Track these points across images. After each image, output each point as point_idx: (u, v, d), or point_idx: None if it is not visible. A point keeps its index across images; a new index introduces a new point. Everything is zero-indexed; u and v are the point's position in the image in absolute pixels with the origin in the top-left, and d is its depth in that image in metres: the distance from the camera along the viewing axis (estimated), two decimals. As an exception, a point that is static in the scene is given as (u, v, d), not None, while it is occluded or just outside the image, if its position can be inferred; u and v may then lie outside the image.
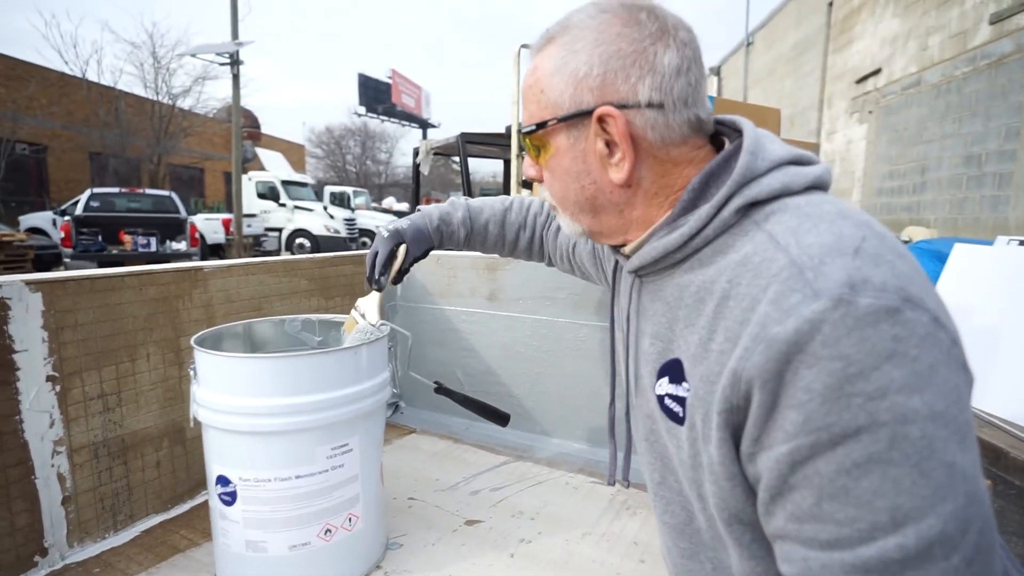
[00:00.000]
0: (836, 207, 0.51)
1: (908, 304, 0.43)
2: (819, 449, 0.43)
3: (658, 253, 0.59)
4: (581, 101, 0.58)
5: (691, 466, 0.58)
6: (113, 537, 1.07)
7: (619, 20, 0.57)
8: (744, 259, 0.51)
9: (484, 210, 1.04)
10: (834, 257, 0.45)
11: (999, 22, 6.04)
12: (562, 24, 0.61)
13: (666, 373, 0.60)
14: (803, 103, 11.80)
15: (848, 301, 0.42)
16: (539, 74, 0.61)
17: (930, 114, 7.29)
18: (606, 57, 0.57)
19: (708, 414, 0.53)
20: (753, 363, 0.46)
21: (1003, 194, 5.93)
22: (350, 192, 17.48)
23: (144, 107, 16.85)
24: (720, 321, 0.52)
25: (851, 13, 9.75)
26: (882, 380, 0.41)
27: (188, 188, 19.74)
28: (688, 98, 0.57)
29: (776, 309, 0.45)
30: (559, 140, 0.62)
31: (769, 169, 0.55)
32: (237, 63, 11.99)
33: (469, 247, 1.05)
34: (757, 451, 0.48)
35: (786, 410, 0.45)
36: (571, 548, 1.05)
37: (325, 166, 33.58)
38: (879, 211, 8.57)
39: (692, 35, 0.59)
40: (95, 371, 1.03)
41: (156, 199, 10.10)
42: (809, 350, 0.43)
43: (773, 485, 0.47)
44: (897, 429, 0.41)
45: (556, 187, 0.66)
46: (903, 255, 0.48)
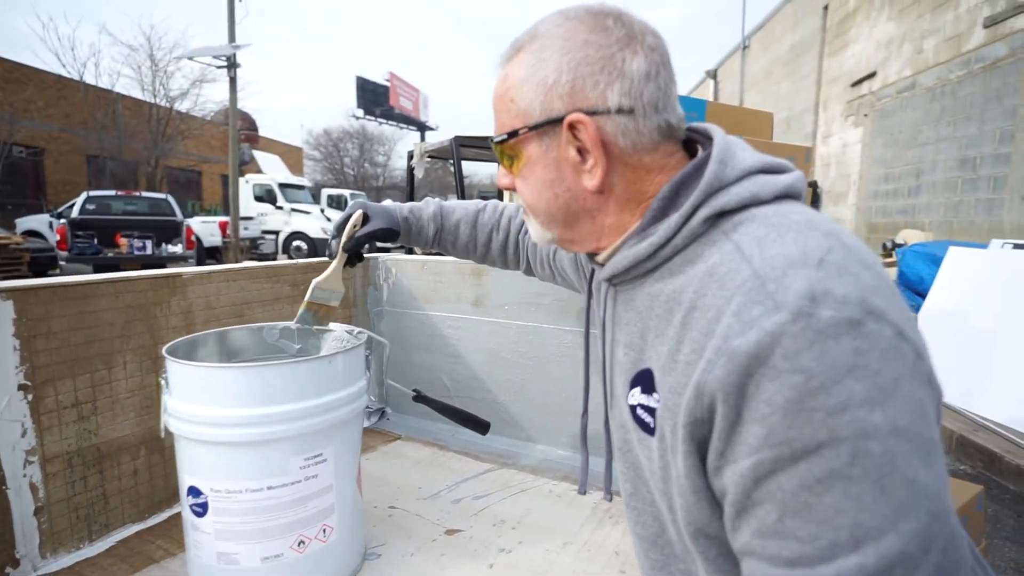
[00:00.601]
0: (804, 217, 0.51)
1: (871, 316, 0.42)
2: (781, 464, 0.43)
3: (629, 262, 0.59)
4: (551, 109, 0.58)
5: (662, 477, 0.58)
6: (88, 547, 1.05)
7: (585, 27, 0.58)
8: (711, 269, 0.51)
9: (456, 210, 1.03)
10: (797, 268, 0.45)
11: (993, 25, 6.07)
12: (530, 33, 0.61)
13: (638, 383, 0.60)
14: (799, 106, 11.83)
15: (808, 313, 0.42)
16: (509, 83, 0.61)
17: (925, 117, 7.31)
18: (574, 64, 0.57)
19: (675, 426, 0.52)
20: (715, 376, 0.46)
21: (997, 197, 5.95)
22: (347, 195, 17.48)
23: (141, 110, 16.85)
24: (687, 332, 0.52)
25: (846, 16, 9.79)
26: (843, 394, 0.41)
27: (185, 191, 19.74)
28: (658, 103, 0.57)
29: (738, 321, 0.45)
30: (531, 149, 0.62)
31: (738, 178, 0.55)
32: (234, 66, 12.00)
33: (439, 246, 1.04)
34: (722, 465, 0.48)
35: (749, 423, 0.44)
36: (552, 558, 1.04)
37: (323, 169, 33.60)
38: (874, 214, 8.59)
39: (660, 40, 0.59)
40: (69, 379, 1.02)
41: (152, 202, 10.10)
42: (770, 363, 0.43)
43: (738, 500, 0.47)
44: (858, 445, 0.41)
45: (529, 195, 0.66)
46: (870, 266, 0.47)
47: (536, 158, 0.62)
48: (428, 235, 1.01)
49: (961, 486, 1.92)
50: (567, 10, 0.60)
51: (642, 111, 0.57)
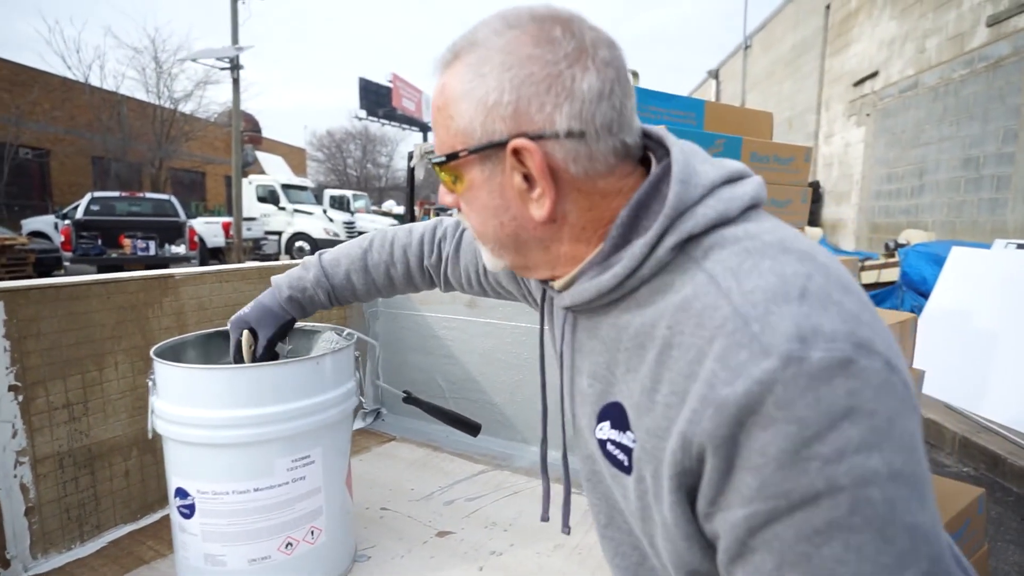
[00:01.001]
0: (776, 236, 0.49)
1: (861, 351, 0.41)
2: (777, 515, 0.41)
3: (591, 294, 0.55)
4: (493, 132, 0.52)
5: (641, 517, 0.55)
6: (79, 548, 1.06)
7: (529, 38, 0.51)
8: (684, 303, 0.48)
9: (341, 261, 0.93)
10: (780, 305, 0.43)
11: (996, 24, 6.03)
12: (468, 39, 0.55)
13: (607, 417, 0.56)
14: (801, 106, 11.80)
15: (800, 358, 0.40)
16: (446, 96, 0.55)
17: (928, 117, 7.28)
18: (517, 83, 0.51)
19: (658, 472, 0.50)
20: (703, 428, 0.43)
21: (1001, 197, 5.91)
22: (350, 195, 17.51)
23: (146, 111, 16.94)
24: (664, 372, 0.49)
25: (848, 16, 9.75)
26: (839, 441, 0.39)
27: (189, 192, 19.83)
28: (612, 124, 0.52)
29: (724, 368, 0.43)
30: (473, 173, 0.56)
31: (703, 196, 0.51)
32: (237, 67, 12.04)
33: (340, 303, 0.96)
34: (714, 511, 0.46)
35: (742, 472, 0.42)
36: (541, 561, 1.03)
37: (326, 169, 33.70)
38: (877, 214, 8.55)
39: (615, 52, 0.54)
40: (60, 380, 1.02)
41: (156, 203, 10.14)
42: (762, 412, 0.41)
43: (732, 547, 0.45)
44: (857, 493, 0.39)
45: (474, 221, 0.60)
46: (848, 288, 0.45)
47: (479, 183, 0.56)
48: (321, 300, 0.93)
49: (962, 488, 1.90)
50: (509, 15, 0.54)
51: (595, 134, 0.51)
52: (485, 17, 0.56)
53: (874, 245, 8.25)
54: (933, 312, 3.73)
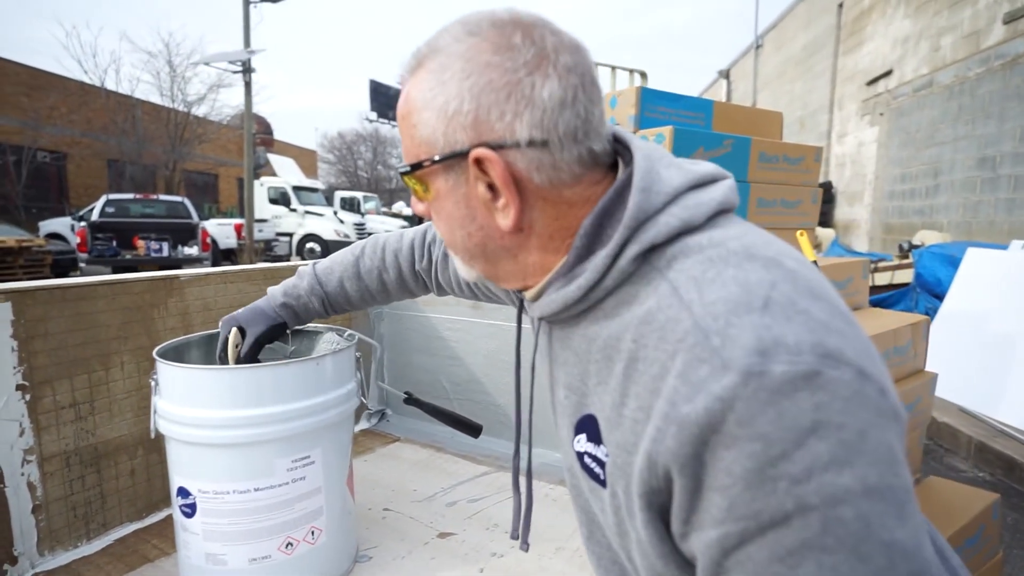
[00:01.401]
0: (742, 243, 0.47)
1: (828, 361, 0.39)
2: (749, 536, 0.40)
3: (558, 306, 0.55)
4: (455, 141, 0.52)
5: (617, 532, 0.54)
6: (85, 546, 1.07)
7: (489, 46, 0.50)
8: (648, 315, 0.47)
9: (334, 269, 0.94)
10: (740, 316, 0.41)
11: (1013, 21, 5.93)
12: (431, 45, 0.54)
13: (583, 429, 0.56)
14: (813, 105, 11.68)
15: (760, 372, 0.39)
16: (409, 105, 0.55)
17: (943, 116, 7.17)
18: (476, 91, 0.50)
19: (628, 489, 0.49)
20: (667, 447, 0.42)
21: (1018, 197, 5.81)
22: (360, 197, 17.63)
23: (160, 115, 17.18)
24: (631, 386, 0.48)
25: (861, 14, 9.64)
26: (807, 459, 0.38)
27: (203, 194, 20.07)
28: (577, 132, 0.51)
29: (684, 384, 0.42)
30: (438, 183, 0.55)
31: (665, 204, 0.50)
32: (249, 71, 12.17)
33: (335, 311, 0.96)
34: (688, 531, 0.45)
35: (710, 492, 0.41)
36: (543, 563, 1.03)
37: (337, 171, 33.94)
38: (891, 214, 8.44)
39: (579, 56, 0.52)
40: (67, 380, 1.04)
41: (169, 205, 10.28)
42: (724, 430, 0.40)
43: (709, 568, 0.44)
44: (829, 513, 0.38)
45: (443, 230, 0.59)
46: (818, 294, 0.44)
47: (444, 193, 0.55)
48: (316, 308, 0.93)
49: (976, 494, 1.87)
50: (469, 22, 0.53)
51: (558, 143, 0.50)
52: (448, 23, 0.55)
53: (888, 246, 8.14)
54: (948, 314, 3.67)
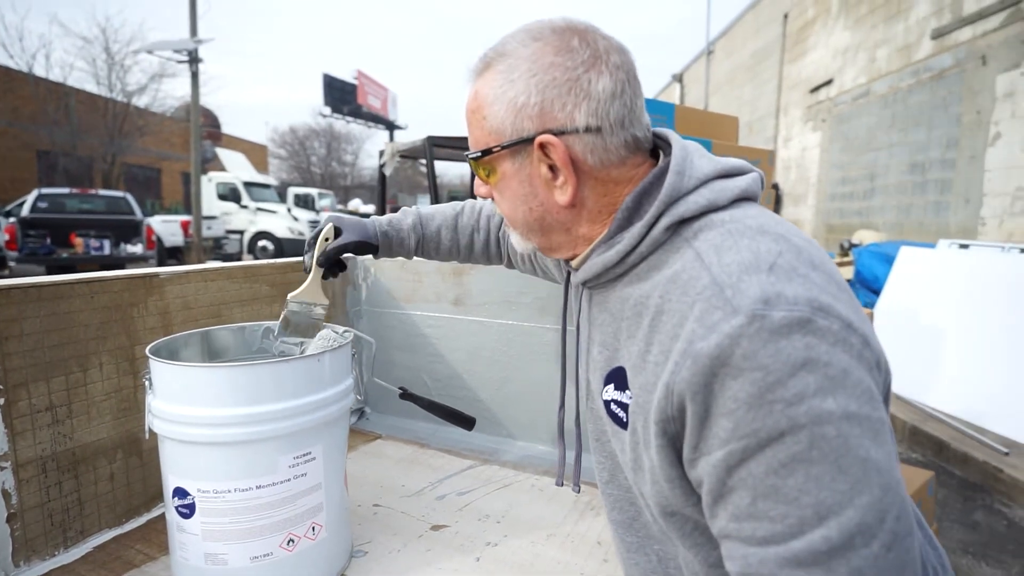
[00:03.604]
0: (757, 221, 0.55)
1: (819, 313, 0.47)
2: (750, 452, 0.47)
3: (598, 269, 0.63)
4: (522, 129, 0.60)
5: (633, 468, 0.62)
6: (63, 554, 1.03)
7: (551, 48, 0.59)
8: (674, 276, 0.55)
9: (435, 216, 1.03)
10: (750, 274, 0.49)
11: (940, 37, 6.39)
12: (497, 50, 0.63)
13: (612, 380, 0.63)
14: (761, 111, 12.19)
15: (762, 315, 0.46)
16: (480, 100, 0.63)
17: (878, 123, 7.64)
18: (542, 86, 0.59)
19: (647, 422, 0.56)
20: (682, 377, 0.49)
21: (944, 200, 6.27)
22: (315, 194, 17.19)
23: (97, 104, 16.21)
24: (655, 335, 0.55)
25: (805, 25, 10.14)
26: (798, 386, 0.45)
27: (144, 189, 19.06)
28: (624, 120, 0.60)
29: (700, 326, 0.49)
30: (504, 165, 0.64)
31: (696, 186, 0.58)
32: (196, 61, 11.66)
33: (422, 254, 1.04)
34: (697, 457, 0.51)
35: (718, 418, 0.48)
36: (537, 550, 1.06)
37: (289, 167, 32.93)
38: (832, 215, 8.92)
39: (625, 56, 0.61)
40: (43, 382, 1.00)
41: (110, 200, 9.72)
42: (732, 362, 0.47)
43: (714, 488, 0.50)
44: (815, 430, 0.45)
45: (506, 207, 0.68)
46: (818, 266, 0.52)
47: (510, 174, 0.64)
48: (410, 246, 1.01)
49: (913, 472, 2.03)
50: (532, 29, 0.61)
51: (609, 129, 0.59)
52: (512, 31, 0.64)
53: (830, 245, 8.61)
54: (884, 308, 3.93)
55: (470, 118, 0.65)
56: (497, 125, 0.62)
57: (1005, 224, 5.38)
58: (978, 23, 5.75)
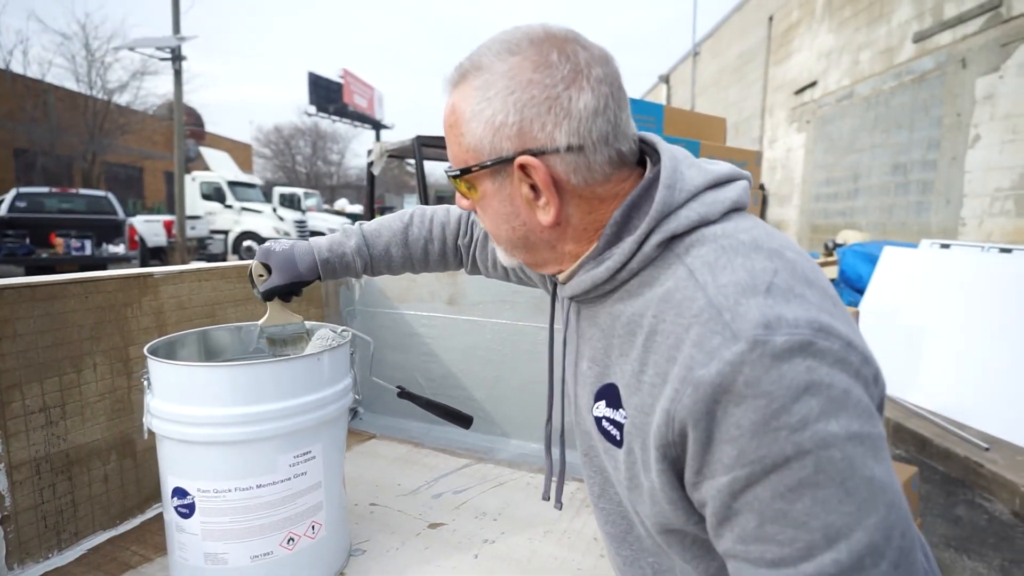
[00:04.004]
0: (750, 236, 0.54)
1: (820, 334, 0.47)
2: (755, 478, 0.47)
3: (587, 285, 0.61)
4: (500, 149, 0.58)
5: (628, 487, 0.61)
6: (57, 556, 1.02)
7: (529, 64, 0.56)
8: (667, 295, 0.54)
9: (382, 232, 0.96)
10: (748, 297, 0.48)
11: (921, 41, 6.51)
12: (474, 62, 0.59)
13: (603, 396, 0.62)
14: (747, 112, 12.33)
15: (764, 341, 0.46)
16: (456, 116, 0.60)
17: (862, 125, 7.77)
18: (520, 105, 0.56)
19: (646, 444, 0.55)
20: (683, 405, 0.49)
21: (925, 200, 6.39)
22: (301, 193, 17.04)
23: (76, 102, 15.91)
24: (649, 355, 0.54)
25: (790, 28, 10.27)
26: (802, 412, 0.45)
27: (126, 188, 18.76)
28: (608, 136, 0.57)
29: (700, 352, 0.48)
30: (485, 184, 0.61)
31: (687, 200, 0.57)
32: (179, 58, 11.51)
33: (373, 274, 0.99)
34: (700, 481, 0.51)
35: (721, 444, 0.48)
36: (534, 546, 1.07)
37: (273, 167, 32.61)
38: (816, 215, 9.05)
39: (608, 67, 0.58)
40: (36, 383, 0.99)
41: (91, 199, 9.56)
42: (734, 390, 0.46)
43: (719, 511, 0.50)
44: (820, 455, 0.45)
45: (489, 224, 0.66)
46: (812, 282, 0.51)
47: (491, 193, 0.62)
48: (356, 269, 0.95)
49: (898, 468, 2.08)
50: (510, 41, 0.58)
51: (592, 147, 0.56)
52: (487, 40, 0.60)
53: (815, 245, 8.73)
54: (868, 307, 4.00)
55: (448, 132, 0.63)
56: (475, 143, 0.59)
57: (984, 224, 5.50)
58: (958, 27, 5.88)
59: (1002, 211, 5.29)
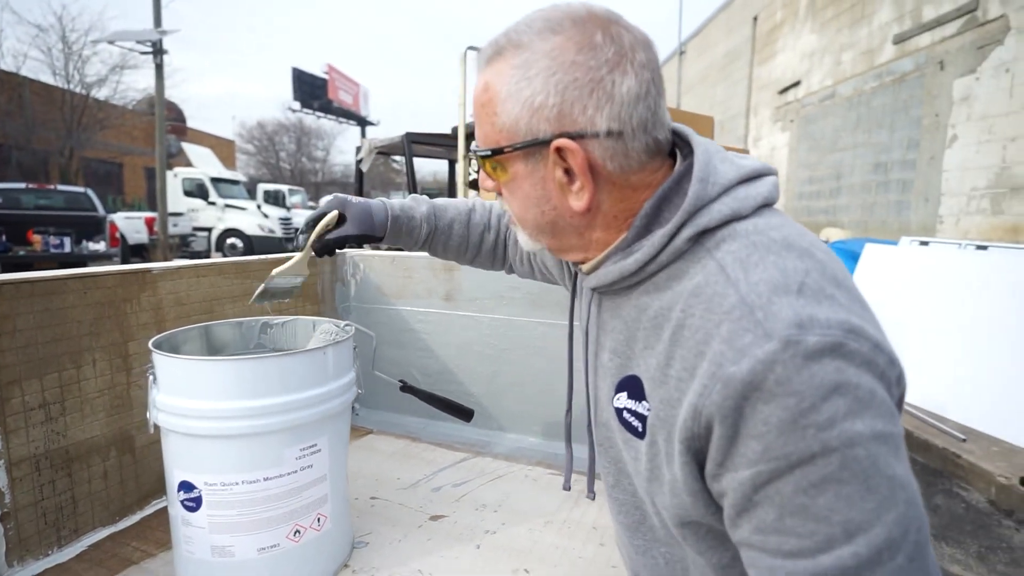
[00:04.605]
0: (782, 234, 0.54)
1: (851, 335, 0.47)
2: (779, 473, 0.47)
3: (614, 276, 0.61)
4: (537, 130, 0.56)
5: (647, 478, 0.61)
6: (57, 553, 1.02)
7: (573, 45, 0.55)
8: (696, 289, 0.53)
9: (448, 208, 0.97)
10: (781, 296, 0.48)
11: (901, 42, 6.64)
12: (512, 39, 0.58)
13: (625, 388, 0.62)
14: (732, 110, 12.46)
15: (796, 341, 0.46)
16: (491, 94, 0.59)
17: (844, 124, 7.89)
18: (562, 87, 0.55)
19: (670, 437, 0.55)
20: (712, 401, 0.49)
21: (905, 199, 6.53)
22: (285, 190, 16.86)
23: (53, 96, 15.55)
24: (676, 349, 0.54)
25: (774, 28, 10.40)
26: (830, 411, 0.45)
27: (105, 184, 18.38)
28: (647, 123, 0.56)
29: (730, 349, 0.48)
30: (517, 166, 0.60)
31: (719, 194, 0.56)
32: (161, 52, 11.32)
33: (429, 248, 0.98)
34: (721, 473, 0.51)
35: (747, 439, 0.48)
36: (535, 536, 1.09)
37: (257, 163, 32.18)
38: (800, 213, 9.19)
39: (651, 53, 0.57)
40: (36, 379, 0.98)
41: (69, 196, 9.37)
42: (765, 387, 0.46)
43: (738, 503, 0.51)
44: (846, 453, 0.46)
45: (516, 207, 0.65)
46: (841, 283, 0.52)
47: (522, 175, 0.60)
48: (420, 236, 0.95)
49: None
50: (552, 18, 0.56)
51: (631, 133, 0.56)
52: (525, 17, 0.59)
53: (797, 242, 8.82)
54: (852, 303, 4.08)
55: (479, 111, 0.61)
56: (510, 123, 0.58)
57: (961, 222, 5.64)
58: (936, 29, 6.00)
59: (978, 209, 5.43)
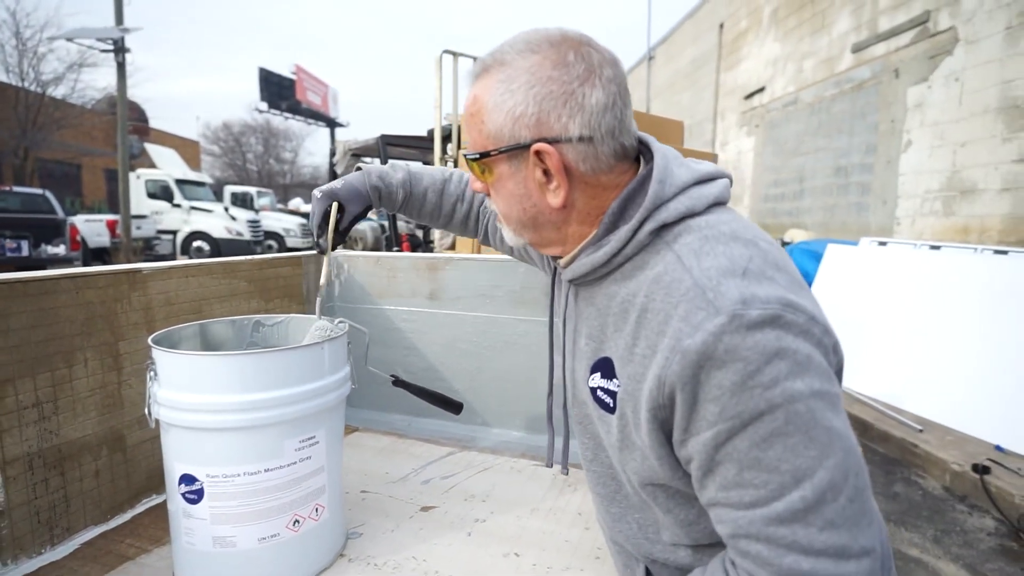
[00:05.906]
0: (730, 227, 0.62)
1: (788, 309, 0.56)
2: (735, 431, 0.55)
3: (587, 268, 0.69)
4: (519, 136, 0.65)
5: (619, 448, 0.69)
6: (50, 552, 1.02)
7: (550, 63, 0.63)
8: (657, 277, 0.61)
9: (424, 177, 1.06)
10: (728, 278, 0.56)
11: (859, 51, 6.94)
12: (497, 58, 0.67)
13: (598, 369, 0.70)
14: (700, 115, 12.76)
15: (741, 315, 0.54)
16: (479, 105, 0.67)
17: (806, 129, 8.19)
18: (539, 98, 0.63)
19: (637, 407, 0.63)
20: (673, 371, 0.56)
21: (864, 201, 6.81)
22: (254, 192, 16.57)
23: (6, 94, 14.94)
24: (641, 330, 0.62)
25: (739, 35, 10.71)
26: (773, 372, 0.53)
27: (62, 186, 17.71)
28: (615, 130, 0.65)
29: (687, 325, 0.56)
30: (501, 167, 0.69)
31: (675, 194, 0.65)
32: (123, 50, 11.01)
33: (405, 211, 1.07)
34: (687, 438, 0.59)
35: (705, 403, 0.56)
36: (523, 523, 1.14)
37: (223, 164, 31.49)
38: (765, 215, 9.47)
39: (617, 69, 0.66)
40: (29, 379, 0.99)
41: (26, 198, 9.04)
42: (716, 355, 0.54)
43: (704, 464, 0.58)
44: (789, 408, 0.54)
45: (501, 205, 0.73)
46: (781, 267, 0.61)
47: (506, 176, 0.69)
48: (397, 200, 1.04)
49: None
50: (531, 41, 0.65)
51: (600, 139, 0.64)
52: (509, 39, 0.68)
53: (763, 243, 9.08)
54: (815, 301, 4.25)
55: (469, 120, 0.69)
56: (495, 131, 0.66)
57: (916, 224, 5.92)
58: (891, 39, 6.30)
59: (931, 211, 5.71)
